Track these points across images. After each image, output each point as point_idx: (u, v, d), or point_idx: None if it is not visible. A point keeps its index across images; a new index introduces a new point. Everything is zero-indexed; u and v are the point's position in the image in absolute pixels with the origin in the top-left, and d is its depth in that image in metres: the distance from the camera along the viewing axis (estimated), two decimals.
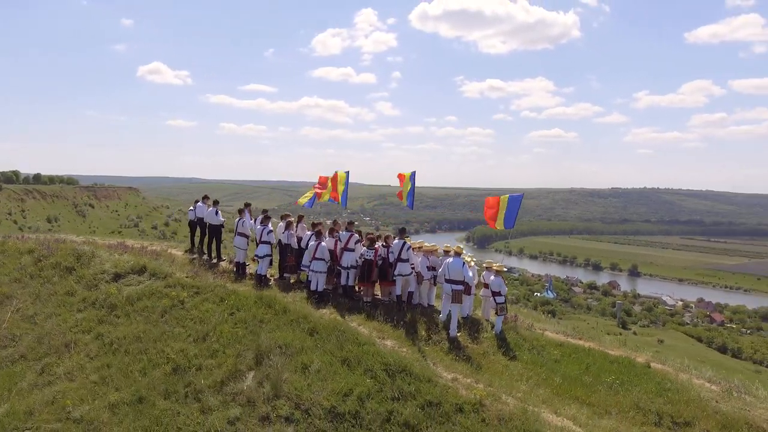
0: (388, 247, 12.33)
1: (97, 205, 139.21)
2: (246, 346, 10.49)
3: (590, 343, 12.07)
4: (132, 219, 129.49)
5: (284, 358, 9.95)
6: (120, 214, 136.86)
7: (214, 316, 11.42)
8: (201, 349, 10.66)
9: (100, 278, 13.28)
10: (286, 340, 10.36)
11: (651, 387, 9.82)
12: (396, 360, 9.46)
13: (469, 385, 9.13)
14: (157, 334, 11.17)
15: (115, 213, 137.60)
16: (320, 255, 12.66)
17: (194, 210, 16.35)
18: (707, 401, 9.33)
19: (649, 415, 9.00)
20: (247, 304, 11.70)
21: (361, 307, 12.21)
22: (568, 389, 9.62)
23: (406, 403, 8.56)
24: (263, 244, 13.73)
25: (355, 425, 8.42)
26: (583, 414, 8.69)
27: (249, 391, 9.46)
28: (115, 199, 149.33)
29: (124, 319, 11.77)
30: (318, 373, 9.51)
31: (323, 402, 8.86)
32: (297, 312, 11.29)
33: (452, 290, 11.24)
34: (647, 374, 10.46)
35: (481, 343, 11.27)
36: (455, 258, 11.43)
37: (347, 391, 8.95)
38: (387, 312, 11.90)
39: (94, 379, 10.23)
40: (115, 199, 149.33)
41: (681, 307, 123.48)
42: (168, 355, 10.56)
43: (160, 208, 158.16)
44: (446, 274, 11.39)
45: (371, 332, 10.76)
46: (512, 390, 9.18)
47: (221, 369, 10.05)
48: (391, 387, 8.92)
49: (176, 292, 12.26)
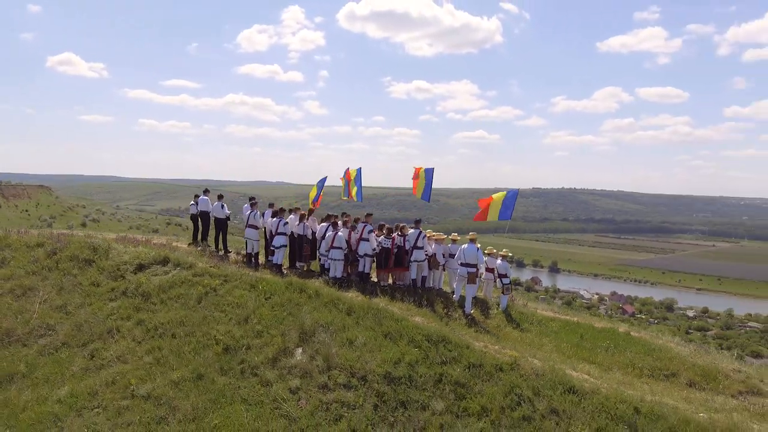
0: (404, 236, 13.67)
1: (4, 205, 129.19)
2: (288, 326, 11.46)
3: (576, 318, 14.01)
4: (45, 219, 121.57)
5: (329, 335, 11.05)
6: (31, 214, 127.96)
7: (250, 301, 12.27)
8: (245, 331, 11.52)
9: (124, 269, 13.67)
10: (327, 319, 11.45)
11: (639, 349, 11.82)
12: (435, 331, 10.83)
13: (498, 350, 10.66)
14: (199, 318, 11.89)
15: (26, 213, 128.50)
16: (338, 244, 13.81)
17: (196, 204, 16.90)
18: (686, 357, 11.43)
19: (643, 370, 10.96)
20: (279, 290, 12.63)
21: (380, 291, 13.47)
22: (575, 352, 11.42)
23: (453, 366, 9.95)
24: (279, 236, 14.63)
25: (410, 387, 9.70)
26: (594, 370, 10.47)
27: (303, 364, 10.48)
28: (25, 198, 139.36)
29: (160, 306, 12.35)
30: (365, 346, 10.69)
31: (377, 369, 10.05)
32: (329, 295, 12.37)
33: (467, 273, 12.77)
34: (632, 340, 12.48)
35: (493, 319, 12.88)
36: (470, 244, 12.96)
37: (397, 360, 10.21)
38: (405, 295, 13.25)
39: (148, 360, 10.85)
40: (25, 198, 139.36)
41: (596, 300, 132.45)
42: (215, 336, 11.33)
43: (75, 208, 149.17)
44: (462, 259, 12.89)
45: (400, 311, 12.06)
46: (534, 354, 10.82)
47: (270, 347, 10.98)
48: (436, 353, 10.28)
49: (207, 281, 12.95)
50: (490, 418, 8.86)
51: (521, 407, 8.96)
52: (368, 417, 9.23)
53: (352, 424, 9.14)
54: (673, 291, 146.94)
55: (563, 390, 9.17)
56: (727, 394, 10.33)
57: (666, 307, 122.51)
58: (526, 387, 9.32)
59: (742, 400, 10.13)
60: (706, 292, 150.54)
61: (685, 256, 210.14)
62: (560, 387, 9.23)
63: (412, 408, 9.32)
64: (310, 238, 14.87)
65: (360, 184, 15.73)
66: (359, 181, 15.72)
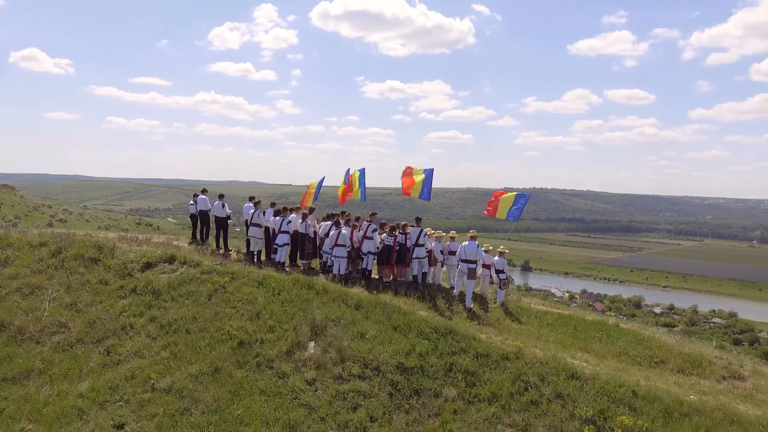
0: (406, 234, 14.23)
1: None
2: (299, 321, 11.89)
3: (568, 311, 14.78)
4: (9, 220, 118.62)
5: (340, 329, 11.54)
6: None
7: (260, 298, 12.65)
8: (258, 326, 11.90)
9: (131, 267, 13.88)
10: (337, 314, 11.93)
11: (630, 339, 12.62)
12: (442, 324, 11.43)
13: (502, 341, 11.31)
14: (211, 314, 12.23)
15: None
16: (342, 242, 14.29)
17: (195, 204, 17.16)
18: (673, 346, 12.28)
19: (635, 358, 11.75)
20: (287, 287, 13.04)
21: (383, 287, 14.00)
22: (572, 343, 12.14)
23: (461, 356, 10.54)
24: (282, 234, 15.03)
25: (423, 376, 10.26)
26: (591, 358, 11.19)
27: (316, 357, 10.94)
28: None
29: (171, 303, 12.63)
30: (375, 338, 11.21)
31: (389, 360, 10.59)
32: (337, 291, 12.85)
33: (468, 269, 13.40)
34: (621, 331, 13.28)
35: (492, 312, 13.53)
36: (470, 241, 13.60)
37: (408, 351, 10.75)
38: (407, 290, 13.81)
39: (165, 355, 11.15)
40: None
41: (567, 298, 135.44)
42: (228, 332, 11.69)
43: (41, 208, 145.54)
44: (463, 255, 13.52)
45: (406, 306, 12.61)
46: (534, 344, 11.49)
47: (283, 341, 11.40)
48: (445, 345, 10.85)
49: (216, 278, 13.28)
50: (500, 403, 9.48)
51: (528, 392, 9.59)
52: (384, 405, 9.76)
53: (369, 411, 9.64)
54: (640, 288, 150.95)
55: (566, 376, 9.84)
56: (712, 378, 11.18)
57: (634, 304, 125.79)
58: (532, 374, 9.96)
59: (727, 384, 10.99)
60: (672, 290, 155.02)
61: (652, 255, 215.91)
62: (563, 373, 9.91)
63: (426, 395, 9.88)
64: (312, 236, 15.30)
65: (364, 184, 16.21)
66: (363, 182, 16.21)
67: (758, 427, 8.90)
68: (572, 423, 8.94)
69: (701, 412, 9.11)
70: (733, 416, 9.07)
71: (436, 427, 9.27)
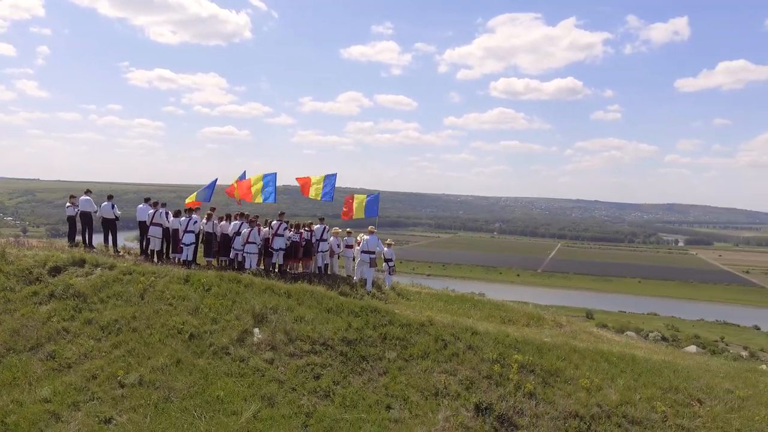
0: (311, 231, 16.18)
1: None
2: (240, 311, 13.12)
3: (435, 290, 18.43)
4: None
5: (279, 315, 13.15)
6: None
7: (193, 293, 13.42)
8: (201, 320, 12.77)
9: (37, 272, 13.11)
10: (273, 303, 13.46)
11: (491, 306, 16.67)
12: (366, 304, 13.86)
13: (413, 313, 14.21)
14: (150, 312, 12.63)
15: None
16: (253, 239, 15.63)
17: (73, 205, 16.38)
18: (518, 309, 16.66)
19: (498, 318, 15.76)
20: (215, 282, 13.98)
21: (292, 277, 15.74)
22: (455, 311, 15.67)
23: (390, 327, 13.14)
24: (188, 233, 15.63)
25: (365, 345, 12.58)
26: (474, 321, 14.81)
27: (267, 340, 12.45)
28: None
29: (102, 305, 12.57)
30: (315, 320, 13.12)
31: (333, 336, 12.67)
32: (263, 284, 14.25)
33: (369, 258, 16.00)
34: (480, 301, 17.33)
35: (387, 294, 16.36)
36: (371, 235, 16.20)
37: (347, 327, 12.95)
38: (313, 280, 15.81)
39: (119, 353, 11.42)
40: None
41: None
42: (175, 326, 12.36)
43: None
44: (365, 247, 16.06)
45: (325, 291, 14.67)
46: (434, 314, 14.67)
47: (231, 330, 12.56)
48: (374, 319, 13.33)
49: (142, 278, 13.51)
50: (431, 358, 12.37)
51: (448, 347, 12.67)
52: (341, 371, 11.87)
53: (330, 377, 11.65)
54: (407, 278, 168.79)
55: (470, 333, 13.20)
56: (548, 328, 15.78)
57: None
58: (446, 334, 13.09)
59: (558, 330, 15.66)
60: (433, 277, 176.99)
61: (417, 247, 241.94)
62: (468, 332, 13.24)
63: (372, 359, 12.27)
64: (219, 235, 16.19)
65: (275, 185, 17.33)
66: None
67: (590, 353, 13.42)
68: (484, 364, 12.27)
69: (557, 346, 13.29)
70: (574, 347, 13.46)
71: (387, 382, 11.74)
